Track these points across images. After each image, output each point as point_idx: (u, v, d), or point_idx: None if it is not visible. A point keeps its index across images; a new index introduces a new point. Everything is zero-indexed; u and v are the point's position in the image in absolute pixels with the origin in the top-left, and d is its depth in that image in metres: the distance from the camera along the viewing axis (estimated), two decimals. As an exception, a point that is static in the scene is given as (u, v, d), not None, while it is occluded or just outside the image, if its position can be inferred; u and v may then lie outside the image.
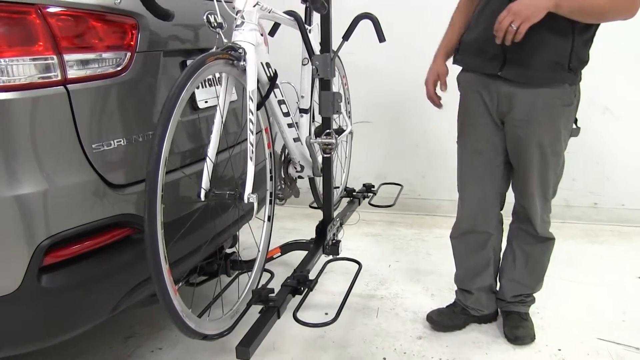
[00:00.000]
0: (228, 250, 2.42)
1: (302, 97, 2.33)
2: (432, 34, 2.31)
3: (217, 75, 2.01)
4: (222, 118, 1.72)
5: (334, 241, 2.30)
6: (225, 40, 1.75)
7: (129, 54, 1.71)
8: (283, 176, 2.36)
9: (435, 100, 2.24)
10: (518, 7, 1.76)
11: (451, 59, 2.18)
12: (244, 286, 2.01)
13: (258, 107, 1.91)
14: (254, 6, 1.79)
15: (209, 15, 1.76)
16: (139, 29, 1.73)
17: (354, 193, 2.92)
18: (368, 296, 2.75)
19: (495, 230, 2.30)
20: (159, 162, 1.39)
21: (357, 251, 3.28)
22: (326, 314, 2.55)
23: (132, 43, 1.72)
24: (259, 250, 2.05)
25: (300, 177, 2.39)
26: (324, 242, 2.23)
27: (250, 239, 2.15)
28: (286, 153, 2.37)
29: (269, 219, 2.08)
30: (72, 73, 1.48)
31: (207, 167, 1.68)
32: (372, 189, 3.00)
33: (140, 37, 1.73)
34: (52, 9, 1.44)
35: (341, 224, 2.44)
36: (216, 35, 1.77)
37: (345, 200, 2.98)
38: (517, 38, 1.77)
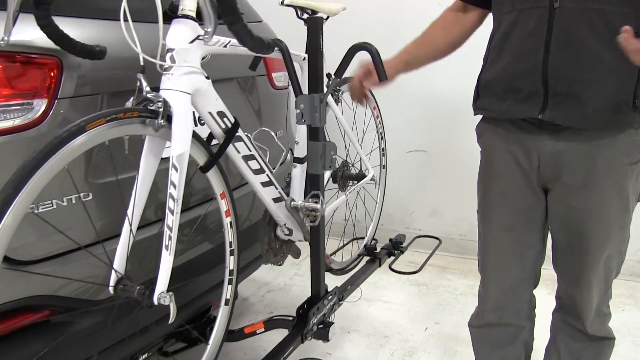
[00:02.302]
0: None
1: (297, 142, 1.87)
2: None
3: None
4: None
5: (321, 326, 1.84)
6: (146, 89, 1.33)
7: (44, 101, 1.37)
8: (270, 239, 1.92)
9: (359, 97, 1.86)
10: None
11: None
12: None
13: (205, 170, 1.50)
14: (192, 42, 1.35)
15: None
16: (63, 70, 1.40)
17: (375, 252, 2.39)
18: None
19: (527, 322, 1.78)
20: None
21: (394, 305, 2.83)
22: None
23: (48, 87, 1.38)
24: (207, 344, 1.64)
25: (290, 240, 1.94)
26: (303, 330, 1.77)
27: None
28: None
29: (226, 303, 1.66)
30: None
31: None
32: (400, 246, 2.47)
33: (64, 79, 1.40)
34: None
35: (340, 300, 1.97)
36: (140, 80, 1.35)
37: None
38: None
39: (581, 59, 1.35)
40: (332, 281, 2.07)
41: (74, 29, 1.46)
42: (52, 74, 1.40)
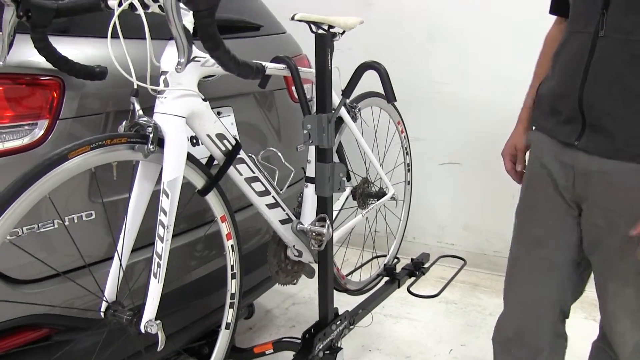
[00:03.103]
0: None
1: (309, 161, 1.82)
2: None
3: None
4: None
5: (327, 352, 1.78)
6: (139, 113, 1.31)
7: (45, 122, 1.36)
8: (280, 260, 1.88)
9: (514, 176, 1.73)
10: None
11: None
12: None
13: (204, 193, 1.47)
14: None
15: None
16: (65, 90, 1.39)
17: (395, 272, 2.31)
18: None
19: (548, 347, 1.64)
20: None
21: (419, 323, 2.75)
22: None
23: (50, 108, 1.38)
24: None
25: (301, 261, 1.89)
26: (308, 356, 1.72)
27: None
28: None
29: (227, 327, 1.63)
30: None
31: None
32: (422, 266, 2.37)
33: (66, 99, 1.39)
34: None
35: (351, 324, 1.90)
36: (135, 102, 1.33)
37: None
38: None
39: (614, 91, 1.27)
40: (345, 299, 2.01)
41: (78, 48, 1.46)
42: (54, 95, 1.40)
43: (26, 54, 1.33)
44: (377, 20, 3.17)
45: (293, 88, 2.21)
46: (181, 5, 1.05)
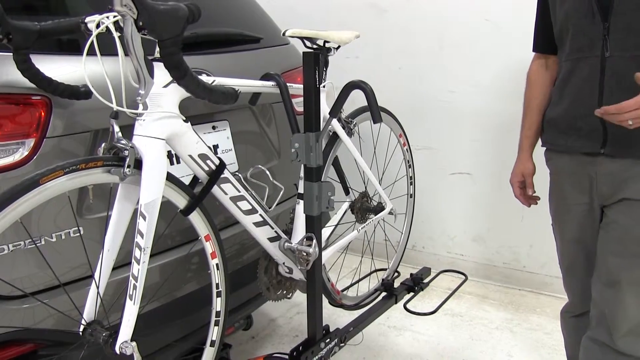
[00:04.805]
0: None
1: (301, 178, 1.80)
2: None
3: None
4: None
5: (317, 370, 1.77)
6: (117, 136, 1.31)
7: (32, 140, 1.38)
8: (271, 276, 1.87)
9: (525, 201, 1.94)
10: None
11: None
12: None
13: (187, 213, 1.47)
14: (166, 86, 1.32)
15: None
16: (52, 109, 1.41)
17: (393, 287, 2.28)
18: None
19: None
20: None
21: (422, 336, 2.72)
22: None
23: (37, 126, 1.41)
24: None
25: (292, 278, 1.88)
26: (294, 376, 1.71)
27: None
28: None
29: (212, 344, 1.63)
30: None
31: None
32: (422, 282, 2.34)
33: (53, 118, 1.41)
34: None
35: (341, 342, 1.89)
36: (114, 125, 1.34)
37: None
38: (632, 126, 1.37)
39: None
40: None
41: (63, 66, 1.47)
42: (42, 114, 1.41)
43: (14, 73, 1.35)
44: (387, 29, 3.14)
45: (293, 101, 2.20)
46: (143, 35, 1.05)
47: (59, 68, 1.45)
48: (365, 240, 2.41)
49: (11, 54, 1.31)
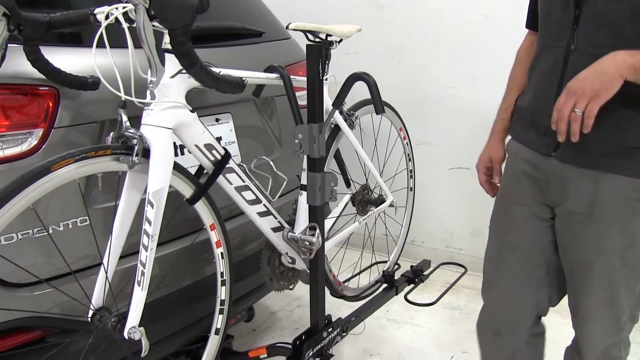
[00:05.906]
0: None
1: (304, 170, 1.83)
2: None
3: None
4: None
5: (318, 358, 1.80)
6: (125, 125, 1.34)
7: (40, 131, 1.39)
8: (274, 267, 1.90)
9: (489, 190, 1.78)
10: (579, 84, 1.20)
11: None
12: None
13: (192, 202, 1.49)
14: (173, 77, 1.35)
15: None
16: (60, 99, 1.43)
17: (393, 279, 2.31)
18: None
19: (525, 346, 1.65)
20: None
21: (422, 329, 2.74)
22: None
23: (45, 117, 1.42)
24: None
25: (295, 269, 1.91)
26: (297, 364, 1.74)
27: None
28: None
29: (216, 332, 1.65)
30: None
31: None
32: (422, 274, 2.37)
33: (61, 108, 1.43)
34: None
35: (344, 332, 1.92)
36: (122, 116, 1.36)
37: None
38: (586, 127, 1.22)
39: None
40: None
41: (72, 57, 1.49)
42: (50, 104, 1.43)
43: (23, 64, 1.36)
44: (386, 25, 3.17)
45: (297, 94, 2.23)
46: (156, 24, 1.07)
47: (63, 60, 1.47)
48: (365, 234, 2.44)
49: (18, 45, 1.33)
